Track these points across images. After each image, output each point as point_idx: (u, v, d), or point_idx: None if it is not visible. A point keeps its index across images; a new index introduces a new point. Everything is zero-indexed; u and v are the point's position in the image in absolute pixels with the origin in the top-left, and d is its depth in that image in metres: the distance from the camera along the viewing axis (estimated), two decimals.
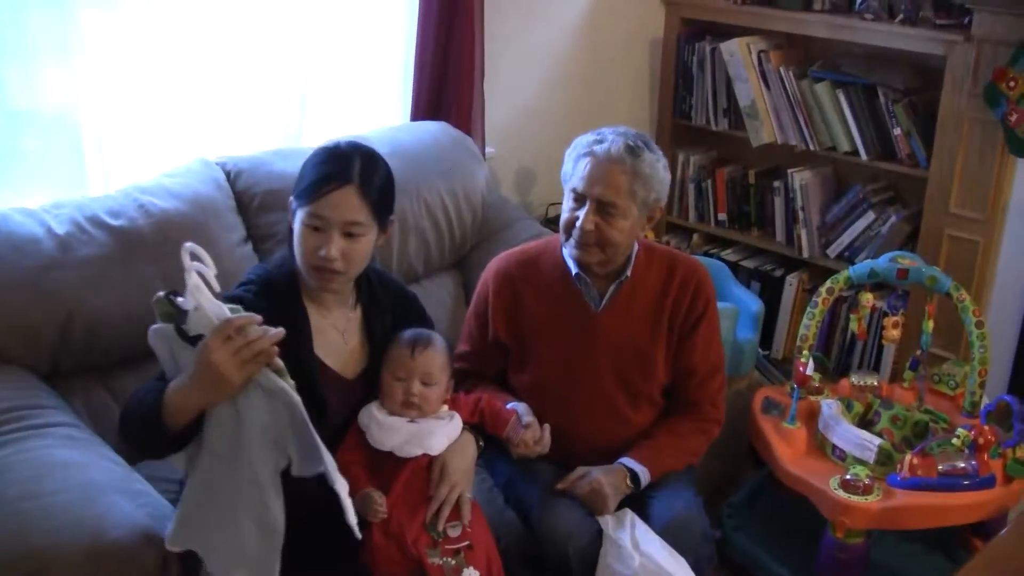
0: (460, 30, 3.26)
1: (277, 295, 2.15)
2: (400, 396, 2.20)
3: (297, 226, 2.13)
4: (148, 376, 2.37)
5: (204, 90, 2.90)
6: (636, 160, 2.36)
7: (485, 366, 2.56)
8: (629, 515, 2.36)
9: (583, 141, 2.43)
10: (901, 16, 3.55)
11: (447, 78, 3.33)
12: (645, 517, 2.38)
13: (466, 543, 2.15)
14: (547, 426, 2.37)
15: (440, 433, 2.22)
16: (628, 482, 2.41)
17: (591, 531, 2.33)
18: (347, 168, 2.10)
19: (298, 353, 2.13)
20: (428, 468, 2.20)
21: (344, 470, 2.10)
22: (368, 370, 2.28)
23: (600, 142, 2.38)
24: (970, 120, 3.38)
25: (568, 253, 2.47)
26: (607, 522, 2.35)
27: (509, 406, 2.41)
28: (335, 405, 2.20)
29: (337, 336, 2.26)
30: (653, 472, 2.44)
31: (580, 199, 2.39)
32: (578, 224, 2.38)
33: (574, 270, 2.48)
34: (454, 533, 2.16)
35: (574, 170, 2.41)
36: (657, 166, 2.40)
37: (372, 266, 2.29)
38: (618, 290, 2.49)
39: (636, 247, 2.50)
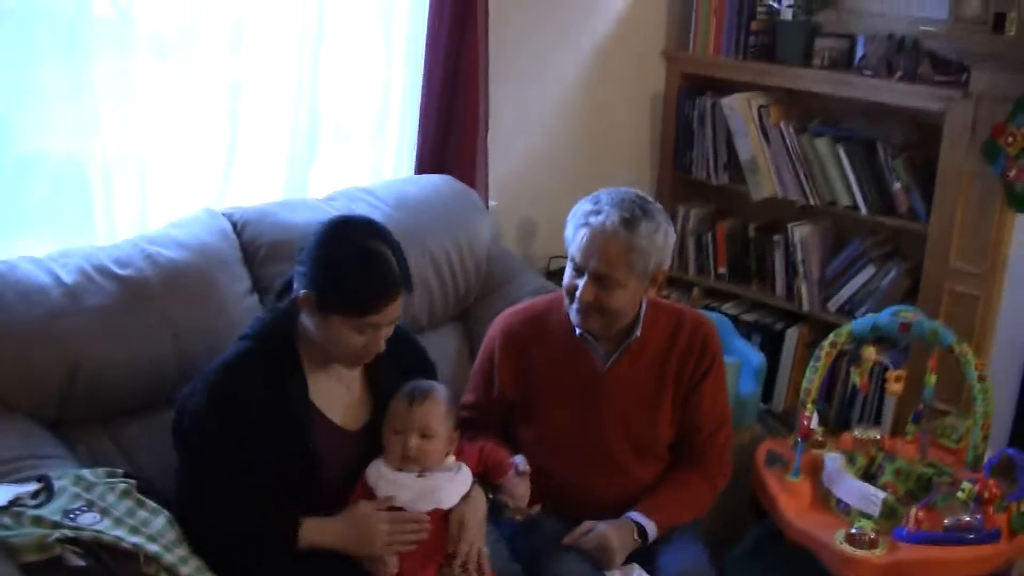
0: (464, 85, 3.28)
1: (272, 348, 2.16)
2: (399, 451, 2.19)
3: (334, 329, 2.13)
4: (153, 426, 2.44)
5: (211, 140, 2.91)
6: (631, 233, 2.33)
7: (489, 419, 2.55)
8: (636, 570, 2.36)
9: (581, 209, 2.41)
10: (900, 72, 3.59)
11: (451, 132, 3.34)
12: (653, 571, 2.38)
13: None
14: (537, 506, 2.38)
15: (449, 486, 2.22)
16: (635, 536, 2.40)
17: None
18: (393, 276, 2.11)
19: (290, 410, 2.15)
20: (439, 520, 2.19)
21: None
22: (372, 422, 2.28)
23: (597, 213, 2.36)
24: (969, 175, 3.41)
25: (571, 315, 2.47)
26: None
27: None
28: (337, 457, 2.20)
29: (340, 388, 2.27)
30: (661, 526, 2.43)
31: (579, 269, 2.39)
32: (577, 294, 2.38)
33: (578, 331, 2.48)
34: None
35: (573, 238, 2.40)
36: (655, 236, 2.37)
37: None
38: (626, 349, 2.49)
39: (644, 306, 2.49)
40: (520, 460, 2.40)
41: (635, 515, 2.44)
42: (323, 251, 2.13)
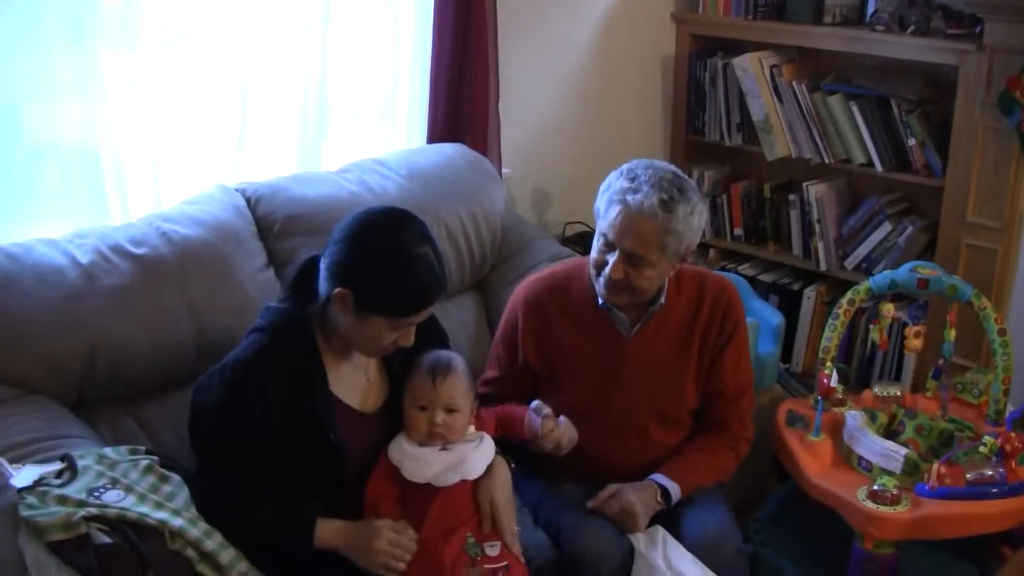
0: (474, 52, 3.27)
1: (289, 341, 2.14)
2: (424, 427, 2.19)
3: (369, 327, 2.12)
4: (175, 403, 2.45)
5: (222, 116, 2.91)
6: (669, 215, 2.29)
7: (513, 392, 2.51)
8: (660, 532, 2.37)
9: (617, 185, 2.34)
10: (912, 27, 3.55)
11: (462, 100, 3.34)
12: (677, 534, 2.38)
13: (504, 564, 2.16)
14: (563, 417, 2.36)
15: (474, 456, 2.22)
16: (659, 498, 2.41)
17: (622, 550, 2.34)
18: (436, 280, 2.11)
19: (312, 401, 2.14)
20: (464, 491, 2.20)
21: (375, 504, 2.17)
22: (389, 403, 2.28)
23: (634, 191, 2.29)
24: (985, 129, 3.38)
25: (597, 288, 2.45)
26: (638, 540, 2.35)
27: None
28: (358, 442, 2.20)
29: (358, 373, 2.27)
30: (684, 488, 2.44)
31: (610, 245, 2.35)
32: (606, 271, 2.35)
33: (601, 301, 2.47)
34: (492, 552, 2.17)
35: (605, 213, 2.35)
36: (691, 218, 2.33)
37: None
38: (650, 317, 2.48)
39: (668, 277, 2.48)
40: (536, 404, 2.37)
41: (658, 477, 2.44)
42: (362, 249, 2.09)
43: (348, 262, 2.10)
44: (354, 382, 2.25)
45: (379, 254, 2.07)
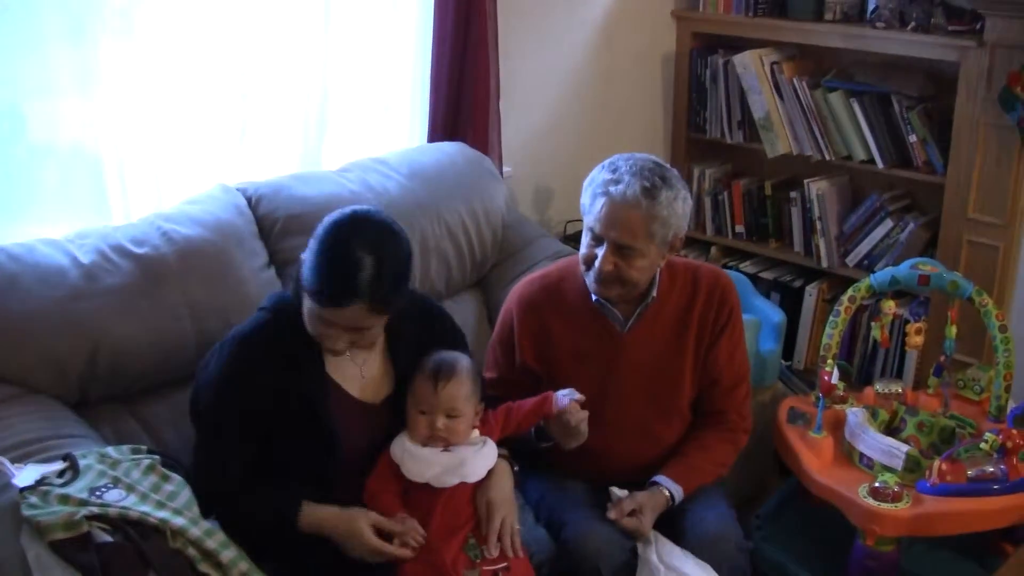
0: (475, 51, 3.27)
1: (289, 325, 2.15)
2: (425, 430, 2.19)
3: (305, 307, 2.12)
4: (176, 403, 2.44)
5: (222, 116, 2.91)
6: (653, 202, 2.30)
7: (512, 393, 2.47)
8: (652, 533, 2.37)
9: (599, 178, 2.36)
10: (913, 24, 3.55)
11: (463, 99, 3.34)
12: (679, 531, 2.39)
13: (504, 564, 2.16)
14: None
15: (475, 460, 2.21)
16: (666, 502, 2.42)
17: (624, 549, 2.33)
18: (353, 284, 2.03)
19: (303, 381, 2.15)
20: (465, 493, 2.20)
21: (377, 500, 2.17)
22: (394, 396, 2.27)
23: (616, 182, 2.32)
24: (986, 125, 3.38)
25: (588, 284, 2.45)
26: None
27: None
28: (357, 431, 2.20)
29: (354, 365, 2.26)
30: (687, 489, 2.45)
31: (598, 238, 2.36)
32: (597, 264, 2.36)
33: (595, 297, 2.47)
34: (492, 553, 2.16)
35: (591, 207, 2.37)
36: (675, 204, 2.34)
37: None
38: (644, 311, 2.48)
39: (659, 268, 2.48)
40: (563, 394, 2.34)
41: (663, 480, 2.44)
42: (322, 234, 2.10)
43: (311, 241, 2.12)
44: (354, 371, 2.25)
45: (326, 242, 2.07)
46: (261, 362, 2.14)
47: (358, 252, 2.04)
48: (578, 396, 2.31)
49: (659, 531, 2.38)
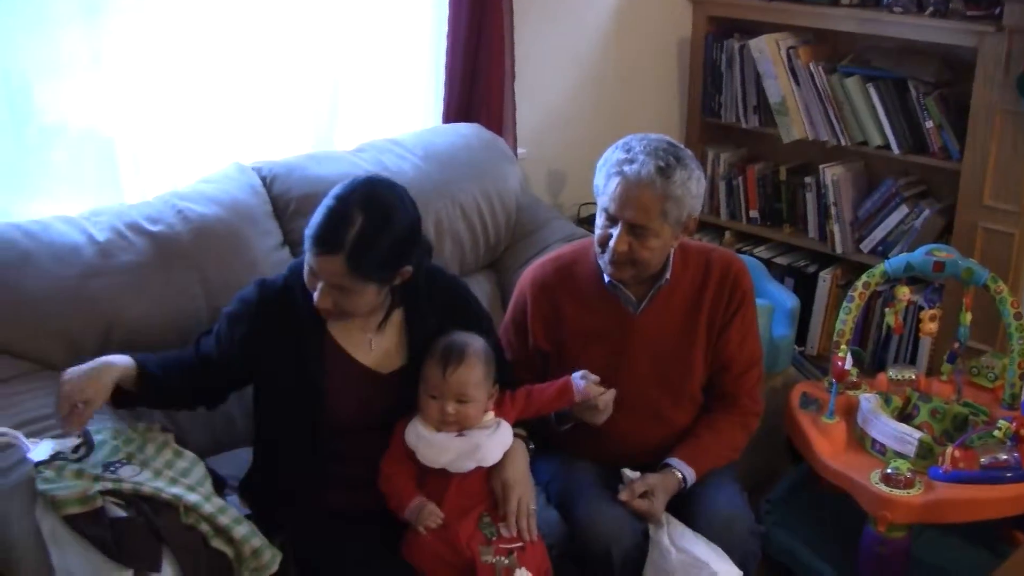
0: (490, 33, 3.27)
1: (303, 287, 2.16)
2: (436, 415, 2.18)
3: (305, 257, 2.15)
4: None
5: (236, 95, 2.91)
6: (667, 181, 2.29)
7: (525, 375, 2.48)
8: (664, 514, 2.36)
9: (613, 158, 2.36)
10: (931, 8, 3.52)
11: (478, 80, 3.33)
12: (691, 514, 2.38)
13: (519, 544, 2.15)
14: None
15: (490, 444, 2.20)
16: (678, 484, 2.42)
17: (634, 531, 2.33)
18: (335, 234, 2.05)
19: (305, 338, 2.20)
20: (480, 473, 2.20)
21: (391, 482, 2.17)
22: (407, 368, 2.26)
23: (630, 162, 2.31)
24: (1002, 112, 3.36)
25: (602, 266, 2.45)
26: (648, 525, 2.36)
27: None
28: (357, 396, 2.22)
29: (363, 335, 2.26)
30: (698, 471, 2.44)
31: (612, 219, 2.36)
32: (611, 244, 2.35)
33: (607, 279, 2.46)
34: (507, 532, 2.16)
35: (605, 188, 2.36)
36: (689, 183, 2.33)
37: (425, 263, 2.29)
38: (656, 293, 2.48)
39: (672, 250, 2.47)
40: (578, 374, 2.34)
41: (675, 462, 2.44)
42: (337, 186, 2.15)
43: None
44: (360, 339, 2.25)
45: (333, 191, 2.12)
46: (272, 301, 2.21)
47: (354, 209, 2.07)
48: (592, 377, 2.31)
49: (670, 514, 2.37)
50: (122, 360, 2.13)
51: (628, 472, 2.41)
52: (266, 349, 2.20)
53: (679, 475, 2.42)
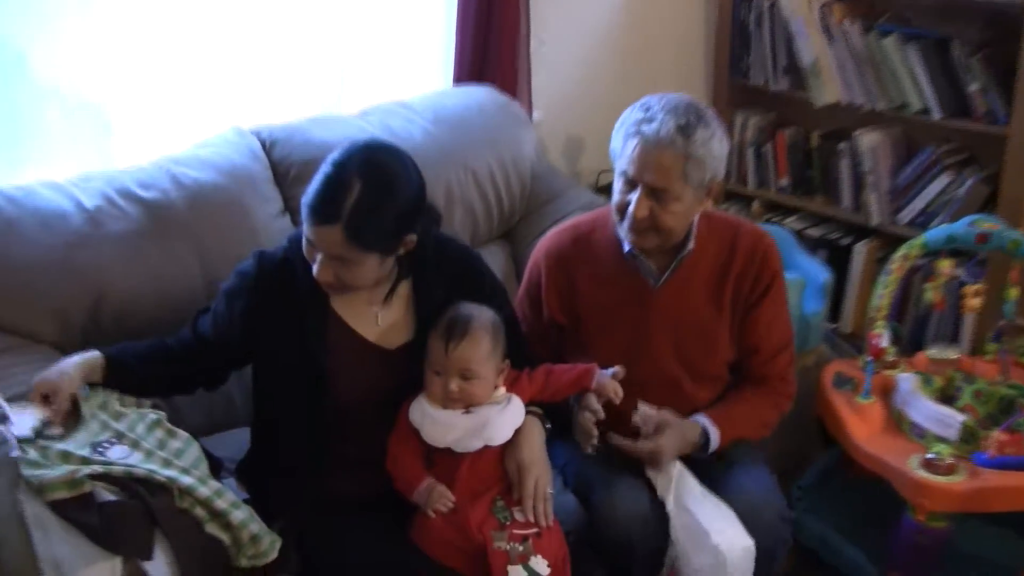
0: None
1: (303, 258, 2.13)
2: (440, 392, 2.12)
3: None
4: None
5: (236, 55, 2.90)
6: (688, 141, 2.22)
7: (540, 348, 2.46)
8: (676, 467, 2.33)
9: (631, 118, 2.30)
10: None
11: (491, 38, 3.29)
12: (719, 493, 2.33)
13: (535, 530, 2.09)
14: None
15: (499, 421, 2.14)
16: (698, 438, 2.37)
17: (654, 515, 2.28)
18: (331, 203, 2.00)
19: (307, 313, 2.16)
20: (492, 453, 2.15)
21: (399, 462, 2.14)
22: (415, 342, 2.21)
23: (649, 121, 2.25)
24: None
25: (622, 234, 2.38)
26: (655, 478, 2.32)
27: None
28: (357, 369, 2.18)
29: (370, 306, 2.22)
30: (724, 437, 2.39)
31: (631, 183, 2.29)
32: (630, 210, 2.29)
33: (627, 248, 2.40)
34: (522, 517, 2.11)
35: (623, 150, 2.30)
36: (711, 143, 2.26)
37: (434, 232, 2.27)
38: (679, 265, 2.41)
39: (696, 218, 2.40)
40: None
41: (702, 419, 2.39)
42: (335, 152, 2.09)
43: None
44: (369, 312, 2.22)
45: (330, 157, 2.08)
46: (271, 277, 2.17)
47: (352, 176, 2.02)
48: (620, 373, 2.27)
49: (685, 467, 2.35)
50: (88, 354, 2.13)
51: (644, 406, 2.34)
52: (266, 325, 2.16)
53: (701, 426, 2.37)
